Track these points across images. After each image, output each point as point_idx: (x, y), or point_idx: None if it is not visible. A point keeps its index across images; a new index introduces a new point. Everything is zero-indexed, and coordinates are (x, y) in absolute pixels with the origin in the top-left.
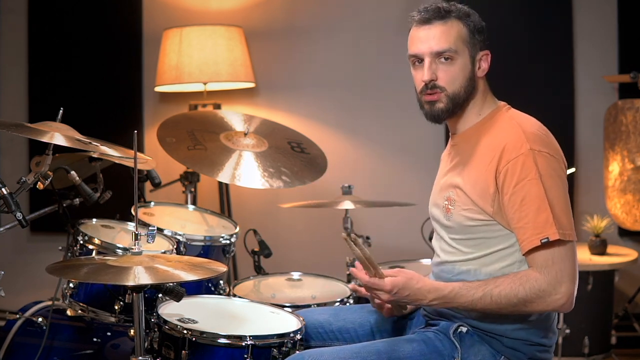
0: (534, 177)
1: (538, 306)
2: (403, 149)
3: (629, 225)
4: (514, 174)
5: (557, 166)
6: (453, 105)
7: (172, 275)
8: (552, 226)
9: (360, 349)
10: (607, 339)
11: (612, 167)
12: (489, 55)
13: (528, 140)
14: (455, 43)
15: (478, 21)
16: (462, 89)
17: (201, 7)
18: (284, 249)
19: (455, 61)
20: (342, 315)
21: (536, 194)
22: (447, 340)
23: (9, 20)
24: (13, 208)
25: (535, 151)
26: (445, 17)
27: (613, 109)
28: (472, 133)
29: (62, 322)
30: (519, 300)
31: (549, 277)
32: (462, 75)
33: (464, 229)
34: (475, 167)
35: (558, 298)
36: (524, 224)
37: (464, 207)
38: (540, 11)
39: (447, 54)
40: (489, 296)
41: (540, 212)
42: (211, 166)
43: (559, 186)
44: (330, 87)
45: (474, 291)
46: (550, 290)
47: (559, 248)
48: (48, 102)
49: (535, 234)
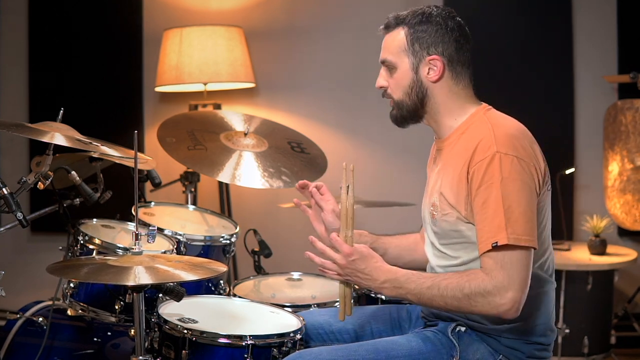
0: (495, 181)
1: (482, 306)
2: (403, 149)
3: (629, 225)
4: (478, 177)
5: (523, 170)
6: (402, 111)
7: (172, 275)
8: (502, 231)
9: (358, 347)
10: (607, 338)
11: (611, 167)
12: (437, 60)
13: (496, 142)
14: (392, 53)
15: (434, 29)
16: (405, 97)
17: (201, 7)
18: (284, 249)
19: (396, 70)
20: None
21: (494, 198)
22: (446, 339)
23: (9, 20)
24: (14, 208)
25: (502, 154)
26: (390, 27)
27: (613, 109)
28: (452, 137)
29: (62, 321)
30: (463, 296)
31: (495, 281)
32: (402, 84)
33: (447, 234)
34: (452, 171)
35: (502, 303)
36: (481, 227)
37: (444, 213)
38: (540, 11)
39: (387, 64)
40: (436, 287)
41: (495, 217)
42: (211, 166)
43: (521, 190)
44: (330, 87)
45: (424, 280)
46: (495, 293)
47: (509, 253)
48: (48, 102)
49: (488, 238)
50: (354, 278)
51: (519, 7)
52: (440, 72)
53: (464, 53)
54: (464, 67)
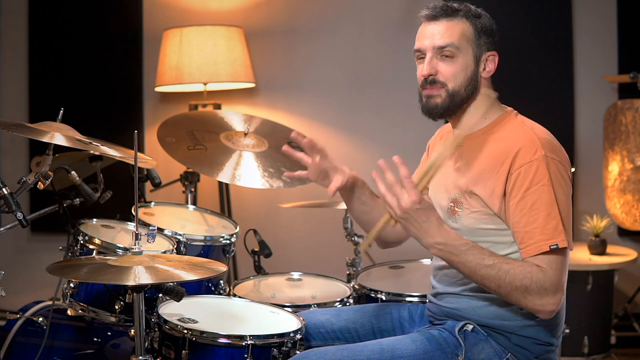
0: (546, 184)
1: (532, 300)
2: (403, 149)
3: (629, 225)
4: (526, 178)
5: (566, 175)
6: (451, 102)
7: (172, 275)
8: (561, 233)
9: (363, 347)
10: (607, 338)
11: (611, 167)
12: (496, 56)
13: (542, 146)
14: (458, 40)
15: (488, 23)
16: (462, 87)
17: (201, 7)
18: (284, 249)
19: (457, 58)
20: (343, 316)
21: (547, 200)
22: (452, 337)
23: (10, 20)
24: (14, 208)
25: (549, 158)
26: (451, 14)
27: (612, 109)
28: (479, 136)
29: (62, 321)
30: (522, 285)
31: (553, 279)
32: (463, 73)
33: (472, 231)
34: (486, 170)
35: (552, 302)
36: (532, 229)
37: (473, 210)
38: (540, 11)
39: (448, 50)
40: (497, 268)
41: (550, 219)
42: (211, 166)
43: (566, 194)
44: (330, 87)
45: (484, 256)
46: (551, 291)
47: (561, 257)
48: (48, 102)
49: (543, 240)
50: (408, 224)
51: (519, 7)
52: (495, 68)
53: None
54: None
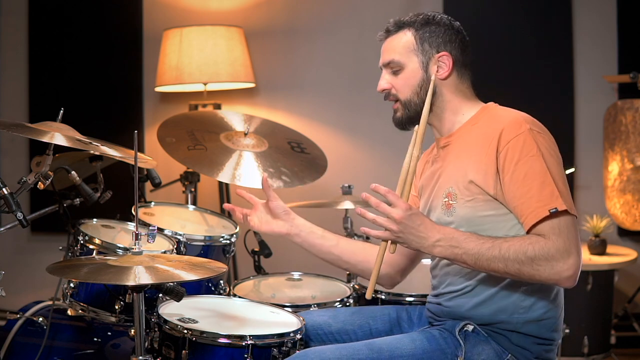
0: (536, 154)
1: (545, 271)
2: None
3: (629, 225)
4: (514, 152)
5: (554, 147)
6: (408, 111)
7: (172, 275)
8: (558, 198)
9: (362, 346)
10: (607, 338)
11: (611, 167)
12: (447, 56)
13: (526, 121)
14: (399, 53)
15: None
16: (414, 96)
17: (201, 7)
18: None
19: (403, 70)
20: (341, 317)
21: (539, 169)
22: (452, 338)
23: (10, 20)
24: (14, 208)
25: (534, 131)
26: (392, 31)
27: (612, 109)
28: (464, 128)
29: (62, 321)
30: (526, 259)
31: (558, 244)
32: (411, 83)
33: (469, 220)
34: (475, 154)
35: (565, 268)
36: (528, 198)
37: (467, 199)
38: (540, 11)
39: (392, 65)
40: (497, 248)
41: (544, 186)
42: (211, 166)
43: (559, 164)
44: (330, 87)
45: (484, 240)
46: (558, 257)
47: (565, 220)
48: (48, 102)
49: (541, 206)
50: (407, 235)
51: (519, 7)
52: (450, 69)
53: (467, 55)
54: (467, 69)
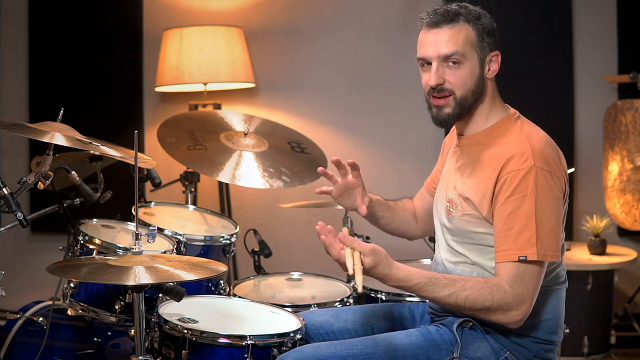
0: (528, 195)
1: (496, 316)
2: (403, 149)
3: (629, 225)
4: (510, 185)
5: (555, 185)
6: (460, 109)
7: (172, 275)
8: (533, 246)
9: (357, 342)
10: (607, 338)
11: (611, 167)
12: (499, 56)
13: (534, 156)
14: (462, 47)
15: (489, 23)
16: (470, 93)
17: (201, 7)
18: (284, 249)
19: (463, 65)
20: (342, 317)
21: (526, 211)
22: (449, 333)
23: (10, 21)
24: (14, 208)
25: (538, 168)
26: (453, 20)
27: (612, 109)
28: (479, 138)
29: (62, 321)
30: (483, 307)
31: (516, 293)
32: (470, 79)
33: (463, 233)
34: (479, 174)
35: (516, 314)
36: (505, 236)
37: (465, 213)
38: (540, 11)
39: (454, 58)
40: (454, 297)
41: (525, 230)
42: (211, 166)
43: (553, 205)
44: (330, 87)
45: (440, 289)
46: (514, 306)
47: (532, 267)
48: (48, 102)
49: (514, 249)
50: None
51: (519, 7)
52: (499, 68)
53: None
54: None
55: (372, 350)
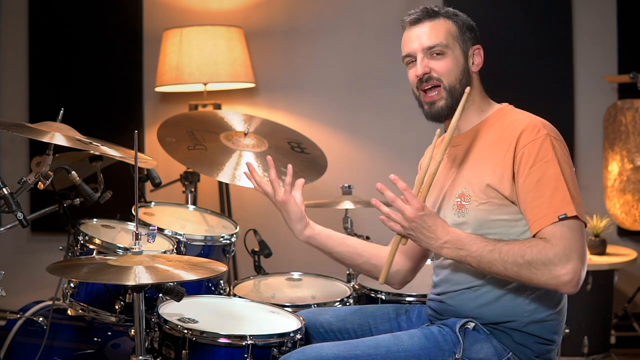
0: (551, 159)
1: (542, 275)
2: (403, 149)
3: (628, 225)
4: (530, 156)
5: (568, 155)
6: (451, 98)
7: (172, 275)
8: (569, 203)
9: (359, 343)
10: (607, 338)
11: (611, 167)
12: (480, 49)
13: (544, 126)
14: (445, 38)
15: (466, 20)
16: (457, 82)
17: (201, 8)
18: (284, 249)
19: (447, 55)
20: (342, 316)
21: (553, 174)
22: (452, 334)
23: (10, 20)
24: (14, 208)
25: (552, 137)
26: (433, 16)
27: (612, 109)
28: (477, 129)
29: (62, 321)
30: (524, 261)
31: (557, 249)
32: (456, 68)
33: (481, 223)
34: (490, 158)
35: (563, 273)
36: (539, 203)
37: (482, 202)
38: (540, 11)
39: (438, 49)
40: (497, 251)
41: (557, 192)
42: (211, 166)
43: (571, 169)
44: (330, 87)
45: (486, 243)
46: (556, 261)
47: (572, 226)
48: (48, 102)
49: (552, 212)
50: (417, 233)
51: (519, 7)
52: (482, 61)
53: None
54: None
55: (374, 352)
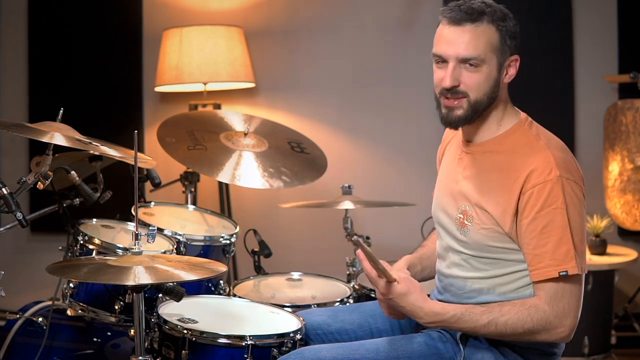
0: (560, 207)
1: (542, 337)
2: (403, 149)
3: (629, 225)
4: (538, 199)
5: (580, 194)
6: (473, 112)
7: (172, 275)
8: (572, 260)
9: (359, 346)
10: (607, 338)
11: (611, 167)
12: (518, 60)
13: (558, 166)
14: (484, 51)
15: (512, 25)
16: (485, 97)
17: (201, 7)
18: (284, 249)
19: (481, 68)
20: (340, 317)
21: (560, 224)
22: (452, 341)
23: (10, 20)
24: (13, 208)
25: (564, 178)
26: (476, 20)
27: (613, 109)
28: (492, 146)
29: (62, 322)
30: (524, 331)
31: (557, 310)
32: (486, 83)
33: (480, 247)
34: (497, 186)
35: (562, 331)
36: (541, 252)
37: (483, 227)
38: (540, 11)
39: (473, 61)
40: (494, 324)
41: (561, 244)
42: (211, 166)
43: (580, 216)
44: (330, 87)
45: (478, 317)
46: (557, 323)
47: (571, 282)
48: (48, 102)
49: (553, 265)
50: (398, 310)
51: (519, 6)
52: (516, 72)
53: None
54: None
55: (374, 356)
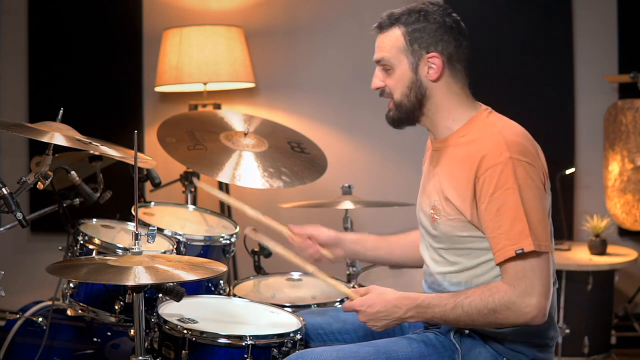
0: (511, 187)
1: (508, 318)
2: (403, 149)
3: (629, 225)
4: (491, 182)
5: (536, 176)
6: (400, 113)
7: (172, 275)
8: (527, 237)
9: (359, 348)
10: (607, 338)
11: (612, 167)
12: (436, 57)
13: (508, 148)
14: (389, 52)
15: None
16: (404, 97)
17: (201, 7)
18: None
19: (393, 70)
20: (341, 317)
21: (513, 204)
22: (448, 341)
23: (9, 20)
24: (13, 208)
25: (515, 160)
26: (384, 27)
27: (613, 109)
28: (450, 140)
29: (62, 322)
30: (489, 311)
31: (519, 290)
32: (401, 84)
33: (450, 239)
34: (456, 176)
35: (528, 311)
36: (498, 234)
37: (449, 218)
38: (540, 11)
39: (383, 64)
40: (460, 307)
41: (515, 223)
42: (211, 166)
43: (536, 196)
44: (330, 87)
45: (446, 302)
46: (519, 302)
47: (531, 260)
48: (48, 102)
49: (509, 245)
50: (378, 323)
51: (519, 6)
52: (440, 71)
53: (462, 50)
54: (462, 66)
55: (374, 358)
